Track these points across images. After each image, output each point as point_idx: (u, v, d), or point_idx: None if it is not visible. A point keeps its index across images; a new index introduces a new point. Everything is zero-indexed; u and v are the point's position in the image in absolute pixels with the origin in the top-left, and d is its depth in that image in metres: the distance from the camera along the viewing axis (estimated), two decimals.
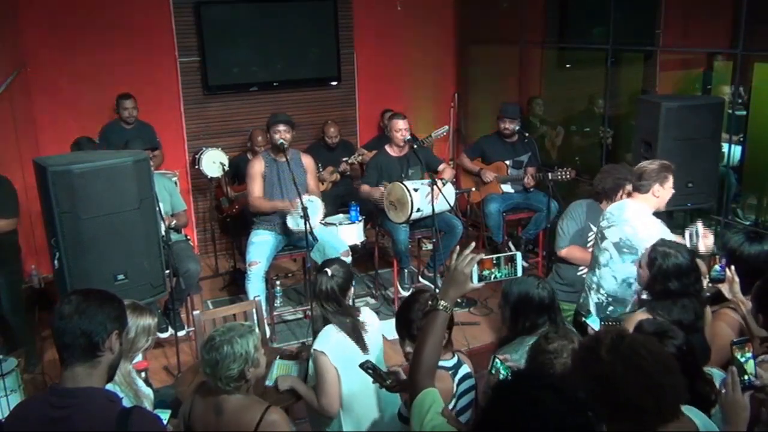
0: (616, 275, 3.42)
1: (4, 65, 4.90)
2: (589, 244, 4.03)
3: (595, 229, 3.98)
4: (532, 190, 5.63)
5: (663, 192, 3.42)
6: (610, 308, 3.44)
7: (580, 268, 3.97)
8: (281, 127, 4.62)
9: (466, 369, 2.62)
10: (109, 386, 2.03)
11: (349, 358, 2.86)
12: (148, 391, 2.75)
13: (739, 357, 2.10)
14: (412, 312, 2.57)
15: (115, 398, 1.93)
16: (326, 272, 3.01)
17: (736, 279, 2.81)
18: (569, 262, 4.05)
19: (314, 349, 2.92)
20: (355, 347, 2.93)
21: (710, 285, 2.85)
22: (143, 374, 2.82)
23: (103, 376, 1.94)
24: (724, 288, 2.84)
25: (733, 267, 2.82)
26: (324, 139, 6.16)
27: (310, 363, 3.00)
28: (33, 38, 5.56)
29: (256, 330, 2.48)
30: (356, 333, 2.96)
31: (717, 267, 2.77)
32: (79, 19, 5.66)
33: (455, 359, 2.62)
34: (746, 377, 2.07)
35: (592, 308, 3.49)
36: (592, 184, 4.21)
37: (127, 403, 2.21)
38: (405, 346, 2.59)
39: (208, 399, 2.44)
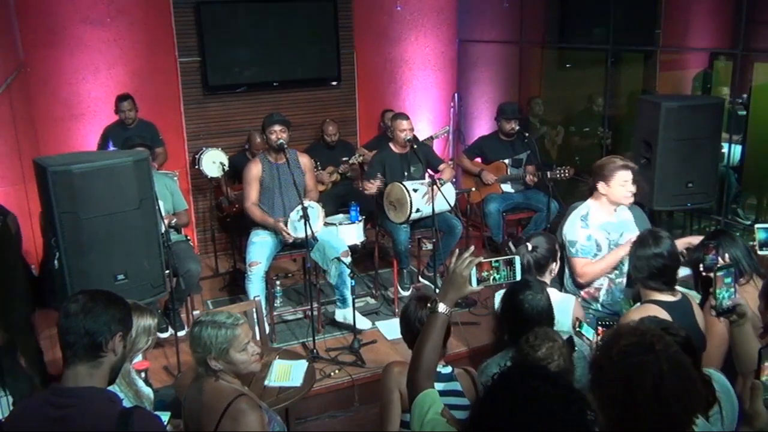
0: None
1: (4, 65, 4.90)
2: None
3: None
4: (533, 187, 5.63)
5: (609, 190, 3.37)
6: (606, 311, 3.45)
7: None
8: (277, 128, 4.58)
9: (456, 386, 2.55)
10: (110, 386, 2.03)
11: None
12: (148, 391, 2.76)
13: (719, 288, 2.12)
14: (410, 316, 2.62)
15: (115, 398, 1.93)
16: (527, 246, 3.04)
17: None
18: None
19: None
20: None
21: (704, 274, 2.84)
22: (143, 374, 2.83)
23: (105, 377, 1.94)
24: None
25: (727, 256, 2.79)
26: (323, 138, 6.16)
27: None
28: (33, 38, 5.56)
29: (237, 330, 2.39)
30: None
31: (710, 256, 2.76)
32: (79, 19, 5.66)
33: (449, 369, 2.58)
34: (718, 303, 2.12)
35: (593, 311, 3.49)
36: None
37: (127, 403, 2.22)
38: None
39: (196, 381, 2.47)
